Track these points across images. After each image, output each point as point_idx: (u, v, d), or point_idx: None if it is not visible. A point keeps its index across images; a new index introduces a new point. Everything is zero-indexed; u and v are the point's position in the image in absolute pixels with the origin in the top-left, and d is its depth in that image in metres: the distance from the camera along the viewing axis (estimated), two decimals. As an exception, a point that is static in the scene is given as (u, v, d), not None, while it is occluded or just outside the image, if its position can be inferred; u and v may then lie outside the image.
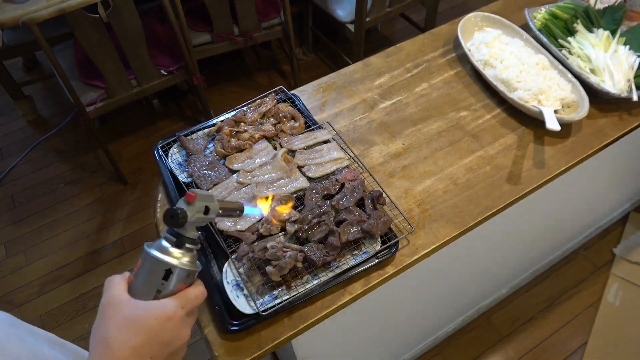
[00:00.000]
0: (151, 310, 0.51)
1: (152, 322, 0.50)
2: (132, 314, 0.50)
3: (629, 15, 1.30)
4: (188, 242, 0.55)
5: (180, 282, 0.54)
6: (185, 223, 0.54)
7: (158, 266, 0.52)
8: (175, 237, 0.54)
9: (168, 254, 0.53)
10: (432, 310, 1.52)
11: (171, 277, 0.53)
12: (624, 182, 1.84)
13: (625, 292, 1.87)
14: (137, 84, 1.98)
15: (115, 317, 0.50)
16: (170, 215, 0.54)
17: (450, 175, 1.02)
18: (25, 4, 1.65)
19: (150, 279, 0.53)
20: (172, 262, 0.53)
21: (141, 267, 0.54)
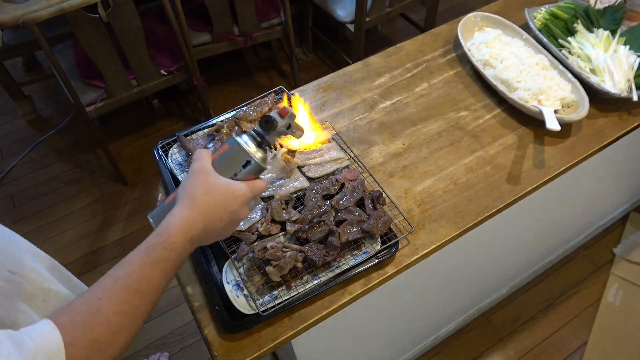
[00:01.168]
0: (230, 186, 0.65)
1: (229, 195, 0.64)
2: (217, 184, 0.64)
3: (629, 15, 1.30)
4: (267, 145, 0.70)
5: (252, 173, 0.68)
6: (273, 130, 0.69)
7: (242, 155, 0.66)
8: (260, 138, 0.69)
9: (251, 148, 0.67)
10: (432, 310, 1.52)
11: (248, 166, 0.67)
12: (624, 182, 1.84)
13: (625, 292, 1.87)
14: (137, 84, 1.98)
15: (204, 180, 0.64)
16: (266, 120, 0.68)
17: (450, 175, 1.02)
18: (25, 4, 1.65)
19: (233, 163, 0.67)
20: (254, 155, 0.67)
21: (227, 151, 0.67)
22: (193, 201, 0.62)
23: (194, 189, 0.63)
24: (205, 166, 0.65)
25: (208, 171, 0.65)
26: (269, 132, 0.69)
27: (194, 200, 0.62)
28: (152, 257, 0.57)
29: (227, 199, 0.64)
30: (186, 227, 0.60)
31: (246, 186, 0.66)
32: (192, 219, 0.61)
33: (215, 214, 0.63)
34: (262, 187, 0.70)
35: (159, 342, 1.79)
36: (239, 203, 0.64)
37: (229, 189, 0.64)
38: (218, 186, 0.64)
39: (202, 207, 0.62)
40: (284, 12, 2.17)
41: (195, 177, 0.64)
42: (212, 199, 0.63)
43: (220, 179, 0.65)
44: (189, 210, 0.61)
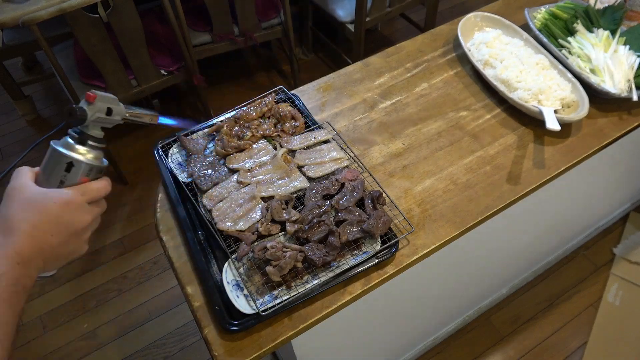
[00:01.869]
0: (50, 194, 0.56)
1: (51, 204, 0.55)
2: (33, 196, 0.55)
3: (629, 15, 1.30)
4: (91, 140, 0.60)
5: (82, 176, 0.59)
6: (85, 121, 0.58)
7: (60, 159, 0.57)
8: (78, 134, 0.59)
9: (70, 148, 0.58)
10: (432, 310, 1.53)
11: (73, 169, 0.58)
12: (624, 182, 1.84)
13: (625, 292, 1.87)
14: (137, 84, 1.98)
15: (18, 198, 0.55)
16: (69, 111, 0.57)
17: (450, 175, 1.02)
18: (25, 4, 1.65)
19: (54, 171, 0.58)
20: (74, 155, 0.58)
21: (46, 160, 0.59)
22: (9, 223, 0.53)
23: (8, 210, 0.54)
24: (21, 182, 0.56)
25: (22, 186, 0.56)
26: (81, 124, 0.59)
27: (10, 221, 0.53)
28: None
29: (50, 209, 0.55)
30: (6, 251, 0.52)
31: (74, 190, 0.57)
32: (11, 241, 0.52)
33: (42, 229, 0.54)
34: (100, 187, 0.60)
35: (159, 342, 1.79)
36: (68, 210, 0.56)
37: (49, 198, 0.55)
38: (35, 198, 0.55)
39: (22, 226, 0.53)
40: (284, 12, 2.17)
41: (8, 197, 0.56)
42: (31, 214, 0.54)
43: (40, 190, 0.56)
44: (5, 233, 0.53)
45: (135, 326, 1.82)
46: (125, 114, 0.63)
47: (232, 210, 0.91)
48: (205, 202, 0.93)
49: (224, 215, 0.90)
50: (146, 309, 1.87)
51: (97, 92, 0.59)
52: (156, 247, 2.03)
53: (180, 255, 0.90)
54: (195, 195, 0.95)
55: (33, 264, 0.54)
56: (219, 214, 0.91)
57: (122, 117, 0.63)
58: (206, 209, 0.92)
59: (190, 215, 0.93)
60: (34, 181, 0.58)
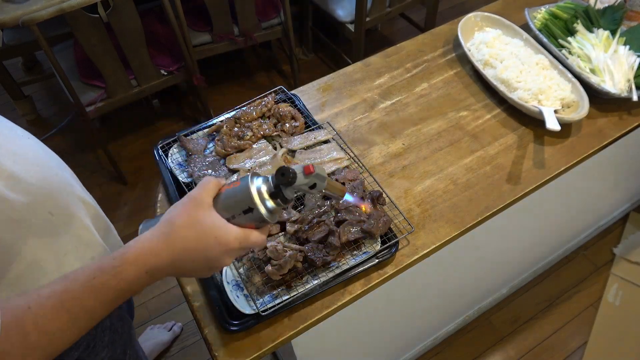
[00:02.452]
0: (218, 229, 0.56)
1: (212, 238, 0.56)
2: (205, 220, 0.56)
3: (629, 15, 1.30)
4: (280, 199, 0.59)
5: (252, 221, 0.59)
6: (291, 186, 0.59)
7: (246, 199, 0.58)
8: (275, 189, 0.59)
9: (260, 195, 0.58)
10: (432, 310, 1.52)
11: (249, 214, 0.58)
12: (624, 182, 1.84)
13: (625, 292, 1.87)
14: (137, 84, 1.98)
15: (192, 212, 0.56)
16: (282, 173, 0.58)
17: (450, 175, 1.02)
18: (25, 4, 1.65)
19: (235, 204, 0.58)
20: (258, 205, 0.57)
21: (235, 189, 0.59)
22: (168, 230, 0.56)
23: (177, 218, 0.56)
24: (203, 196, 0.58)
25: (202, 203, 0.57)
26: (285, 186, 0.59)
27: (170, 230, 0.56)
28: (95, 281, 0.51)
29: (208, 241, 0.56)
30: (145, 258, 0.54)
31: (238, 234, 0.57)
32: (156, 250, 0.54)
33: (189, 253, 0.55)
34: (257, 241, 0.59)
35: (159, 342, 1.79)
36: (220, 251, 0.56)
37: (214, 232, 0.56)
38: (204, 224, 0.56)
39: (175, 241, 0.55)
40: (284, 12, 2.17)
41: (185, 204, 0.57)
42: (191, 235, 0.55)
43: (213, 216, 0.57)
44: (159, 239, 0.55)
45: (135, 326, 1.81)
46: (322, 190, 0.62)
47: (232, 210, 0.91)
48: (205, 202, 0.93)
49: (224, 215, 0.90)
50: (146, 309, 1.87)
51: (316, 167, 0.60)
52: (156, 247, 2.03)
53: (180, 255, 0.90)
54: (195, 195, 0.95)
55: (158, 275, 0.55)
56: (219, 214, 0.90)
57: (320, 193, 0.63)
58: (206, 209, 0.92)
59: (190, 215, 0.93)
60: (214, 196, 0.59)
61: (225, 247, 0.56)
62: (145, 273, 0.54)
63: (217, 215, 0.57)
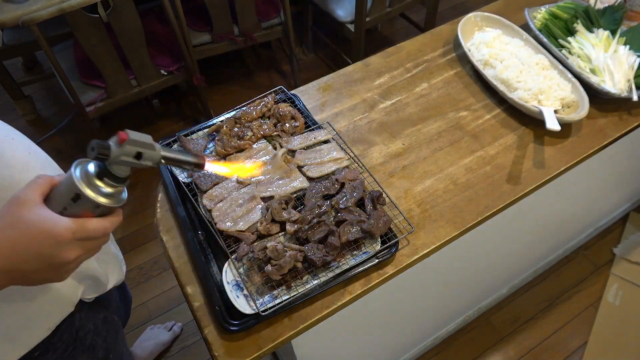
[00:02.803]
0: (42, 223, 0.52)
1: (39, 234, 0.51)
2: (29, 217, 0.52)
3: (629, 15, 1.30)
4: (109, 178, 0.53)
5: (86, 210, 0.54)
6: (107, 160, 0.52)
7: (71, 186, 0.52)
8: (99, 168, 0.53)
9: (87, 179, 0.53)
10: (432, 310, 1.52)
11: (79, 201, 0.53)
12: (624, 182, 1.84)
13: (625, 292, 1.87)
14: (137, 84, 1.98)
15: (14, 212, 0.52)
16: (92, 147, 0.52)
17: (450, 175, 1.02)
18: (25, 4, 1.65)
19: (62, 195, 0.53)
20: (84, 189, 0.52)
21: (61, 181, 0.54)
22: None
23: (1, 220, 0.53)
24: (26, 194, 0.53)
25: (25, 201, 0.53)
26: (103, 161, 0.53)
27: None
28: None
29: (35, 237, 0.51)
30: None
31: (68, 224, 0.53)
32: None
33: (19, 254, 0.51)
34: (97, 228, 0.55)
35: (159, 342, 1.79)
36: (50, 244, 0.52)
37: (41, 226, 0.52)
38: (29, 221, 0.52)
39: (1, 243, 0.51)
40: (284, 12, 2.17)
41: (7, 206, 0.53)
42: (15, 235, 0.51)
43: (39, 212, 0.52)
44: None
45: (135, 326, 1.82)
46: (160, 160, 0.56)
47: (232, 210, 0.91)
48: (205, 202, 0.93)
49: (224, 215, 0.90)
50: (146, 309, 1.87)
51: (131, 133, 0.53)
52: (156, 247, 2.03)
53: (180, 255, 0.90)
54: (195, 195, 0.95)
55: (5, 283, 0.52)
56: (219, 214, 0.91)
57: (156, 163, 0.56)
58: (206, 209, 0.92)
59: (190, 215, 0.93)
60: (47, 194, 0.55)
61: (56, 239, 0.52)
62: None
63: (45, 210, 0.53)
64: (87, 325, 0.84)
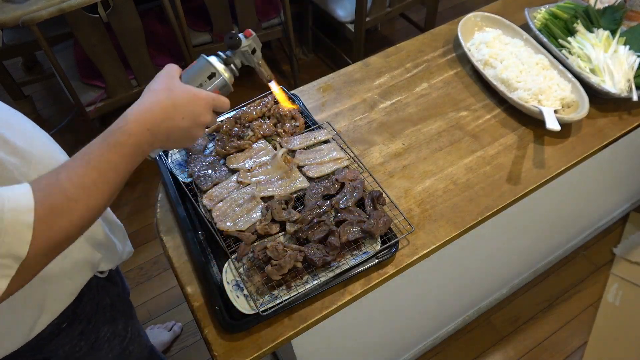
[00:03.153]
0: (193, 89, 0.68)
1: (191, 95, 0.67)
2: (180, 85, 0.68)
3: (629, 15, 1.30)
4: (233, 65, 0.75)
5: (216, 87, 0.73)
6: (238, 48, 0.74)
7: (207, 68, 0.72)
8: (226, 57, 0.74)
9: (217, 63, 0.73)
10: (432, 310, 1.52)
11: (213, 79, 0.72)
12: (624, 182, 1.84)
13: (625, 292, 1.87)
14: (137, 84, 1.98)
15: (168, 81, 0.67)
16: (230, 36, 0.73)
17: (450, 175, 1.02)
18: (25, 4, 1.65)
19: (199, 74, 0.72)
20: (219, 68, 0.72)
21: (194, 65, 0.72)
22: (154, 94, 0.65)
23: (157, 86, 0.66)
24: (171, 72, 0.69)
25: (174, 75, 0.68)
26: (234, 50, 0.74)
27: (155, 93, 0.65)
28: (109, 140, 0.60)
29: (189, 97, 0.66)
30: (144, 116, 0.62)
31: (208, 94, 0.69)
32: (150, 109, 0.63)
33: (177, 109, 0.65)
34: (226, 103, 0.72)
35: (159, 342, 1.79)
36: (201, 105, 0.67)
37: (191, 91, 0.67)
38: (181, 86, 0.67)
39: (163, 101, 0.64)
40: (284, 12, 2.17)
41: (159, 78, 0.68)
42: (174, 95, 0.65)
43: (183, 84, 0.68)
44: (149, 101, 0.64)
45: (135, 326, 1.82)
46: (258, 62, 0.78)
47: (232, 210, 0.91)
48: (205, 202, 0.93)
49: (224, 215, 0.90)
50: (146, 309, 1.87)
51: (253, 32, 0.75)
52: (156, 247, 2.03)
53: (180, 255, 0.90)
54: (195, 195, 0.95)
55: (159, 136, 0.64)
56: (219, 214, 0.91)
57: (257, 62, 0.78)
58: (206, 209, 0.92)
59: (190, 215, 0.93)
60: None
61: (205, 101, 0.68)
62: (147, 131, 0.62)
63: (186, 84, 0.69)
64: (105, 299, 0.91)
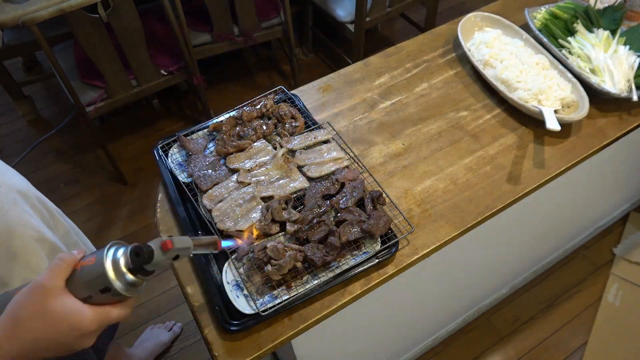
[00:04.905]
0: (70, 316, 0.52)
1: (64, 327, 0.52)
2: (54, 309, 0.52)
3: (629, 15, 1.30)
4: (142, 274, 0.55)
5: (111, 299, 0.55)
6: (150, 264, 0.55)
7: (102, 278, 0.53)
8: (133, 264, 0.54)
9: (118, 272, 0.54)
10: (432, 310, 1.52)
11: (107, 293, 0.54)
12: (624, 182, 1.84)
13: (625, 292, 1.87)
14: (137, 84, 1.98)
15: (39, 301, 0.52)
16: (137, 253, 0.54)
17: (450, 175, 1.02)
18: (25, 4, 1.65)
19: (90, 283, 0.54)
20: (115, 284, 0.53)
21: (90, 266, 0.54)
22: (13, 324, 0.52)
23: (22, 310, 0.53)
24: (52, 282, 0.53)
25: (51, 290, 0.53)
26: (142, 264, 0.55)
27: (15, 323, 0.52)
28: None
29: (61, 330, 0.52)
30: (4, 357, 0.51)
31: (94, 317, 0.54)
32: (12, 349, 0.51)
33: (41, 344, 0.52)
34: (121, 316, 0.56)
35: (159, 342, 1.79)
36: (75, 336, 0.53)
37: (67, 319, 0.52)
38: (54, 312, 0.52)
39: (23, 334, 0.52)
40: (284, 12, 2.17)
41: (32, 293, 0.53)
42: (39, 326, 0.52)
43: (65, 302, 0.53)
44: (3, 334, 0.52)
45: (135, 326, 1.82)
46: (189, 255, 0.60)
47: (232, 210, 0.91)
48: (205, 202, 0.93)
49: (224, 215, 0.90)
50: (146, 309, 1.87)
51: (175, 240, 0.56)
52: (156, 247, 2.02)
53: (180, 255, 0.90)
54: (195, 195, 0.95)
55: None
56: (219, 214, 0.91)
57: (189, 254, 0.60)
58: (206, 209, 0.92)
59: (190, 215, 0.93)
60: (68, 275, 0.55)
61: (81, 332, 0.53)
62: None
63: (70, 298, 0.53)
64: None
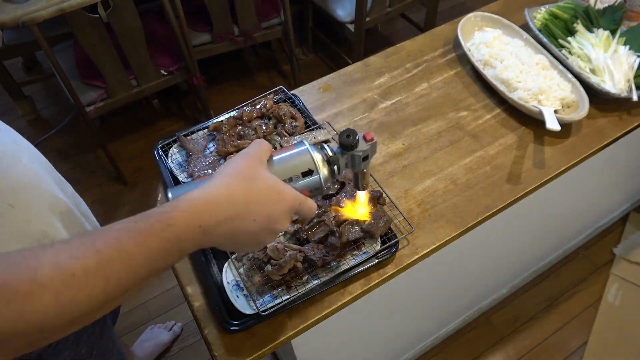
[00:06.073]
0: (279, 185, 0.53)
1: (275, 194, 0.52)
2: (265, 176, 0.52)
3: (629, 15, 1.30)
4: (336, 166, 0.59)
5: (308, 188, 0.57)
6: (352, 150, 0.58)
7: (306, 161, 0.56)
8: (333, 154, 0.58)
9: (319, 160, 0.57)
10: (432, 310, 1.53)
11: (308, 177, 0.56)
12: (624, 182, 1.84)
13: (625, 292, 1.87)
14: (137, 84, 1.98)
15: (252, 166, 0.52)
16: (348, 134, 0.58)
17: (450, 175, 1.02)
18: (25, 4, 1.65)
19: (293, 166, 0.57)
20: (319, 167, 0.57)
21: (292, 152, 0.58)
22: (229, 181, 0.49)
23: (236, 169, 0.51)
24: (260, 154, 0.54)
25: (261, 160, 0.54)
26: (345, 151, 0.58)
27: (231, 181, 0.49)
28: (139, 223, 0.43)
29: (271, 196, 0.51)
30: (201, 207, 0.46)
31: (296, 194, 0.54)
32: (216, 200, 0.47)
33: (252, 206, 0.49)
34: (313, 208, 0.56)
35: (159, 342, 1.79)
36: (281, 207, 0.52)
37: (277, 187, 0.52)
38: (266, 178, 0.52)
39: (237, 192, 0.49)
40: (284, 12, 2.17)
41: (244, 159, 0.53)
42: (254, 188, 0.50)
43: (270, 174, 0.53)
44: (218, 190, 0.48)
45: (135, 326, 1.82)
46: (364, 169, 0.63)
47: (232, 210, 0.91)
48: (205, 202, 0.93)
49: (224, 215, 0.90)
50: (146, 309, 1.87)
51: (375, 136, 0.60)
52: (156, 247, 2.02)
53: (180, 255, 0.90)
54: (195, 195, 0.95)
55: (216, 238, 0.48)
56: (219, 214, 0.90)
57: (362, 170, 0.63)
58: (206, 209, 0.92)
59: (190, 215, 0.93)
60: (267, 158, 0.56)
61: (287, 204, 0.52)
62: (198, 227, 0.45)
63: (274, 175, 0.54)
64: None
